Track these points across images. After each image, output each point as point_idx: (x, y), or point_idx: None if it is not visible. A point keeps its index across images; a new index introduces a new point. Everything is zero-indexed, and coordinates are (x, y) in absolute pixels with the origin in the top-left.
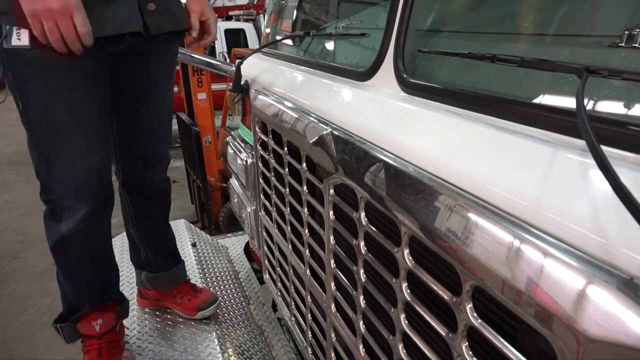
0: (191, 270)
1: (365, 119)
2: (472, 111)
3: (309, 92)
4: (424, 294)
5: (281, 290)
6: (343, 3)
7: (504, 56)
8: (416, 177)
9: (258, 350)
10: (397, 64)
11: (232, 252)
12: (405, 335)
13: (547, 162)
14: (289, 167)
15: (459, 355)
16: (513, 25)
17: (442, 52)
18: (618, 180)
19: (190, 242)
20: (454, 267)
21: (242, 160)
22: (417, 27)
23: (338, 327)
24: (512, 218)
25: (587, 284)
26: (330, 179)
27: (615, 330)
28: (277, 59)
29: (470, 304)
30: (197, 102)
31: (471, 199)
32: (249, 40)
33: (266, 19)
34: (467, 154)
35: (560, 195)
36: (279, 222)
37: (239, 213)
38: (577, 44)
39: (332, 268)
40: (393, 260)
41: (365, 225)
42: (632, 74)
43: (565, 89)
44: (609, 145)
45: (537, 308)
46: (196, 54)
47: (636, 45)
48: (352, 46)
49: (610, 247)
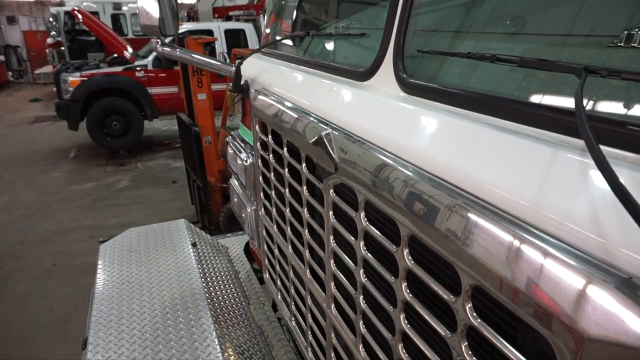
0: (191, 270)
1: (365, 119)
2: (472, 111)
3: (309, 92)
4: (424, 293)
5: (281, 290)
6: (343, 3)
7: (503, 56)
8: (416, 177)
9: (258, 350)
10: (396, 64)
11: (232, 252)
12: (405, 335)
13: (546, 162)
14: (289, 167)
15: (458, 355)
16: (513, 25)
17: (442, 52)
18: (617, 180)
19: (190, 242)
20: (453, 267)
21: (242, 160)
22: (416, 27)
23: (338, 327)
24: (511, 218)
25: (587, 283)
26: (330, 179)
27: (614, 330)
28: (277, 59)
29: (469, 303)
30: (197, 102)
31: (471, 199)
32: (249, 40)
33: (266, 19)
34: (466, 154)
35: (560, 195)
36: (279, 222)
37: (239, 213)
38: (576, 44)
39: (332, 268)
40: (393, 260)
41: (365, 225)
42: (631, 73)
43: (565, 89)
44: (608, 145)
45: (537, 308)
46: (196, 54)
47: (635, 45)
48: (352, 46)
49: (609, 247)
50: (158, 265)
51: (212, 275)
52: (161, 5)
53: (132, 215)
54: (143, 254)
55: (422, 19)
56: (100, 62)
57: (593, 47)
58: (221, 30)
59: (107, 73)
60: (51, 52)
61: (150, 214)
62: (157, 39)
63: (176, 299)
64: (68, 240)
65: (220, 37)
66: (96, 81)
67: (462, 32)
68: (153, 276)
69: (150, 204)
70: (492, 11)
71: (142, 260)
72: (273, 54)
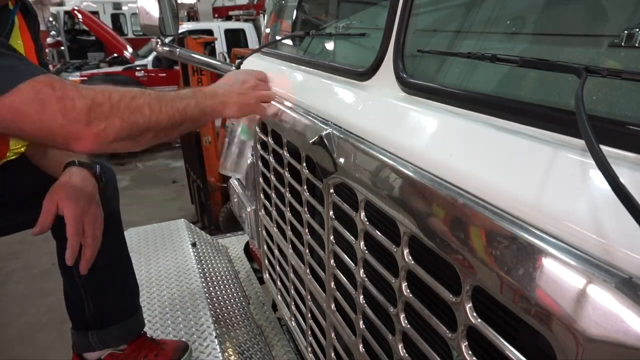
0: (191, 270)
1: (365, 118)
2: (472, 111)
3: (309, 92)
4: (424, 293)
5: (281, 290)
6: (343, 3)
7: (503, 56)
8: (416, 177)
9: (258, 350)
10: (396, 64)
11: (232, 252)
12: (405, 334)
13: (546, 162)
14: (289, 167)
15: (458, 355)
16: (513, 25)
17: (442, 52)
18: (617, 180)
19: (190, 242)
20: (453, 267)
21: None
22: (416, 27)
23: (338, 327)
24: (511, 218)
25: (587, 283)
26: (330, 179)
27: (614, 330)
28: (277, 58)
29: (470, 303)
30: None
31: (471, 199)
32: (249, 40)
33: (266, 19)
34: (466, 154)
35: (560, 195)
36: (279, 222)
37: (239, 213)
38: (576, 44)
39: (332, 268)
40: (393, 260)
41: (365, 225)
42: (631, 73)
43: (565, 89)
44: (608, 144)
45: (537, 307)
46: (196, 53)
47: (636, 45)
48: (352, 46)
49: (610, 247)
50: (158, 265)
51: (212, 275)
52: (161, 5)
53: (132, 214)
54: (143, 254)
55: (422, 19)
56: (100, 62)
57: (593, 47)
58: (221, 30)
59: (107, 73)
60: (51, 51)
61: (150, 213)
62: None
63: (176, 298)
64: None
65: (220, 37)
66: (96, 81)
67: (462, 32)
68: (153, 276)
69: (150, 204)
70: (492, 11)
71: (142, 260)
72: (273, 53)
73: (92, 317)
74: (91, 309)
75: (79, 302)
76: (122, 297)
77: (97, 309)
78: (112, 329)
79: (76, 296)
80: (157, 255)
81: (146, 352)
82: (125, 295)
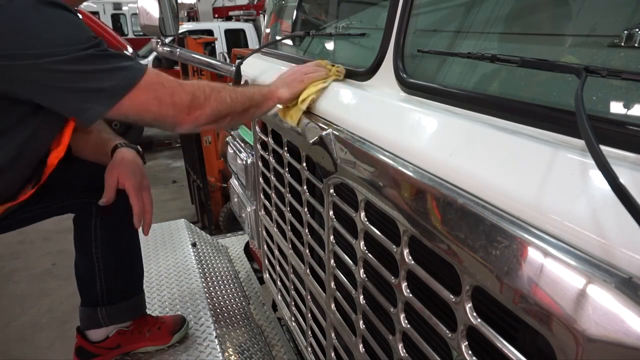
0: (191, 270)
1: (365, 118)
2: (472, 111)
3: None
4: (424, 293)
5: (281, 290)
6: (343, 3)
7: (503, 56)
8: (416, 177)
9: (258, 350)
10: (397, 64)
11: (232, 252)
12: (405, 334)
13: (546, 162)
14: (289, 167)
15: (458, 355)
16: (513, 25)
17: (442, 52)
18: (617, 180)
19: (190, 242)
20: (453, 267)
21: (242, 160)
22: (416, 27)
23: (338, 327)
24: (511, 218)
25: (587, 283)
26: (330, 179)
27: (614, 330)
28: (277, 59)
29: (470, 303)
30: None
31: (471, 199)
32: (249, 40)
33: (266, 19)
34: (466, 153)
35: (560, 195)
36: (279, 222)
37: (239, 213)
38: (576, 44)
39: (332, 268)
40: (393, 260)
41: (365, 225)
42: (631, 73)
43: (565, 89)
44: (608, 145)
45: (537, 308)
46: (196, 53)
47: (636, 45)
48: (352, 46)
49: (610, 247)
50: (158, 265)
51: (212, 275)
52: (161, 5)
53: None
54: (143, 254)
55: (422, 19)
56: None
57: (593, 47)
58: (221, 30)
59: None
60: None
61: None
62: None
63: (176, 298)
64: (68, 240)
65: (220, 37)
66: None
67: (462, 32)
68: (153, 276)
69: None
70: (492, 11)
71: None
72: (273, 53)
73: (103, 293)
74: (103, 286)
75: (91, 278)
76: (131, 276)
77: (108, 285)
78: (120, 305)
79: (89, 272)
80: (157, 255)
81: (149, 326)
82: (134, 275)
